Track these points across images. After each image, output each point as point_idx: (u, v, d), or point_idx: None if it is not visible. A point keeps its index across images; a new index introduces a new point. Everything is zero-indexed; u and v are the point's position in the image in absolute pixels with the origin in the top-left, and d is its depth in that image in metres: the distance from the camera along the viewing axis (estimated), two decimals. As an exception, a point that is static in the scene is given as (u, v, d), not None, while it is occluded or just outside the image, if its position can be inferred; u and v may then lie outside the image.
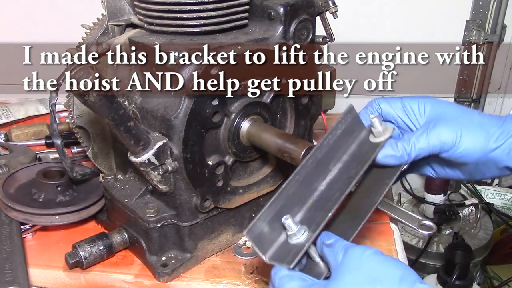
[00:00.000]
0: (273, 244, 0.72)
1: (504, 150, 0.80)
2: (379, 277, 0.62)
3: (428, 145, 0.82)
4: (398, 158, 0.82)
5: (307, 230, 0.72)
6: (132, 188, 1.01)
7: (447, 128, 0.81)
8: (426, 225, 1.08)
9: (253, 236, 0.71)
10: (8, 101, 1.69)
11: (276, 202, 0.73)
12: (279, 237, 0.73)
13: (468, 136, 0.81)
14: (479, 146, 0.80)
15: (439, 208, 1.95)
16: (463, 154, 0.82)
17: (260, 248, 0.71)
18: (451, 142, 0.81)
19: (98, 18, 1.05)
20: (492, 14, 2.05)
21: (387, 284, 0.61)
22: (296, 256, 0.69)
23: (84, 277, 0.96)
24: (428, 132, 0.82)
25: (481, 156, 0.81)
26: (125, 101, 0.94)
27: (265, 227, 0.72)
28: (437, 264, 1.87)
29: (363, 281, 0.63)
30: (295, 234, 0.71)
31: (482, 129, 0.81)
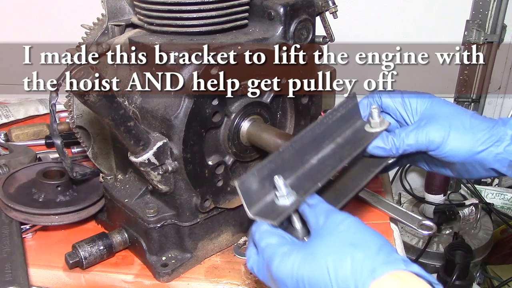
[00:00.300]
0: (260, 201, 0.73)
1: (490, 153, 0.82)
2: (359, 243, 0.63)
3: (416, 142, 0.85)
4: (386, 151, 0.86)
5: (294, 194, 0.73)
6: (132, 188, 1.01)
7: (436, 127, 0.84)
8: (426, 225, 1.08)
9: (243, 189, 0.72)
10: (8, 101, 1.69)
11: (271, 162, 0.75)
12: (267, 196, 0.74)
13: (455, 137, 0.83)
14: (465, 148, 0.83)
15: (439, 208, 1.95)
16: (449, 154, 0.84)
17: (247, 201, 0.72)
18: (438, 142, 0.84)
19: (98, 18, 1.05)
20: (492, 14, 2.05)
21: (367, 250, 0.62)
22: (280, 215, 0.70)
23: (84, 277, 0.96)
24: (418, 129, 0.85)
25: (467, 158, 0.84)
26: (125, 101, 0.94)
27: (256, 183, 0.73)
28: (437, 264, 1.87)
29: (343, 245, 0.63)
30: (283, 195, 0.72)
31: (470, 132, 0.83)
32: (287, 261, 0.65)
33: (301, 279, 0.63)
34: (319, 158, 0.82)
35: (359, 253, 0.61)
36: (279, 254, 0.66)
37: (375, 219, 1.12)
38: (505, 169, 0.84)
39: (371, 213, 1.14)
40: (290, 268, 0.64)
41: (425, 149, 0.85)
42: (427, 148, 0.85)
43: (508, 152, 0.82)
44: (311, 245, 0.66)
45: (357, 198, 1.19)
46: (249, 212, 0.72)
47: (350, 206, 1.18)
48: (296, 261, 0.64)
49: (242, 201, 0.72)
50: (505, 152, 0.82)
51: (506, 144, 0.82)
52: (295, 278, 0.64)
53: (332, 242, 0.64)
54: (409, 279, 0.59)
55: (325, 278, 0.61)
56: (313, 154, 0.82)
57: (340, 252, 0.62)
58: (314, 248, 0.65)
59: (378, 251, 0.62)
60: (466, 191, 2.21)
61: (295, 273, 0.64)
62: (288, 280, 0.65)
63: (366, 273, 0.59)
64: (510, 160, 0.83)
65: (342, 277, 0.60)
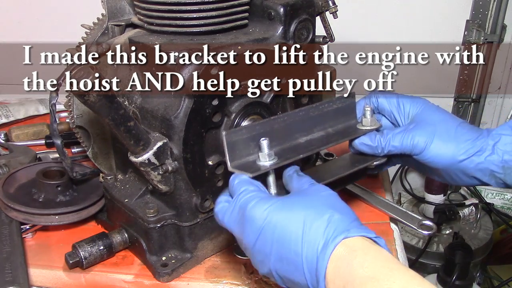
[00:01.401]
0: (242, 158, 0.77)
1: (471, 162, 0.85)
2: (338, 208, 0.67)
3: (401, 145, 0.88)
4: (372, 148, 0.90)
5: (276, 159, 0.76)
6: (132, 188, 1.01)
7: (421, 133, 0.87)
8: (426, 225, 1.09)
9: (229, 141, 0.75)
10: (8, 101, 1.69)
11: (261, 125, 0.79)
12: (250, 156, 0.77)
13: (438, 145, 0.86)
14: (447, 155, 0.86)
15: (439, 208, 1.95)
16: (431, 160, 0.87)
17: (230, 155, 0.75)
18: (421, 147, 0.87)
19: (98, 18, 1.05)
20: (492, 14, 2.05)
21: (345, 215, 0.66)
22: (259, 171, 0.74)
23: (84, 277, 0.96)
24: (405, 132, 0.88)
25: (449, 165, 0.86)
26: (125, 101, 0.94)
27: (242, 140, 0.77)
28: (437, 264, 1.87)
29: (324, 205, 0.67)
30: (265, 156, 0.75)
31: (454, 141, 0.86)
32: (264, 204, 0.68)
33: (274, 223, 0.66)
34: (307, 139, 0.86)
35: (338, 215, 0.65)
36: (258, 198, 0.69)
37: (375, 219, 1.12)
38: (487, 178, 0.86)
39: (371, 213, 1.14)
40: (265, 210, 0.67)
41: (409, 152, 0.88)
42: (411, 151, 0.88)
43: (489, 162, 0.84)
44: (291, 198, 0.70)
45: (357, 198, 1.19)
46: (229, 164, 0.75)
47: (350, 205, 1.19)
48: (274, 206, 0.67)
49: (226, 153, 0.75)
50: (486, 162, 0.84)
51: (487, 154, 0.84)
52: (268, 220, 0.66)
53: (313, 201, 0.68)
54: (375, 245, 0.63)
55: (298, 227, 0.64)
56: (302, 134, 0.86)
57: (320, 208, 0.66)
58: (294, 200, 0.69)
59: (354, 220, 0.66)
60: (466, 191, 2.21)
61: (269, 216, 0.66)
62: (259, 221, 0.67)
63: (339, 231, 0.63)
64: (491, 169, 0.85)
65: (315, 229, 0.63)
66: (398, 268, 0.59)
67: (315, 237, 0.63)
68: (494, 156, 0.84)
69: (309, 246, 0.63)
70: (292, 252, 0.65)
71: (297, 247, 0.64)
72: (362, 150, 0.92)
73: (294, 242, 0.64)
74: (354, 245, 0.62)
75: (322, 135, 0.88)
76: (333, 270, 0.61)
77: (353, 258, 0.61)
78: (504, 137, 0.84)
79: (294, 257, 0.65)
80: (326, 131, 0.89)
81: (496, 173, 0.85)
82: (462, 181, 0.90)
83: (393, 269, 0.59)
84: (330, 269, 0.62)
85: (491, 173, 0.85)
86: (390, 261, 0.61)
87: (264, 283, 0.94)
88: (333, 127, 0.90)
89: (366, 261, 0.60)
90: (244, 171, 0.74)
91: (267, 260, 0.68)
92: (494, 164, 0.84)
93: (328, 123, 0.90)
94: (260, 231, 0.67)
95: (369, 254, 0.61)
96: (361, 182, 1.24)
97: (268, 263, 0.68)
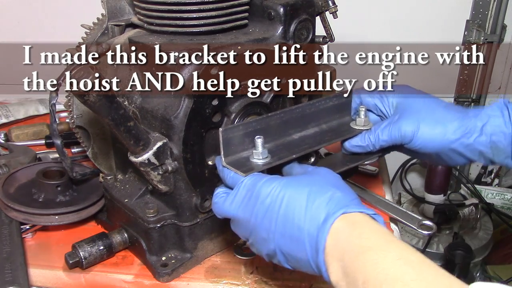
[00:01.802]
0: (237, 154, 0.79)
1: (461, 144, 0.87)
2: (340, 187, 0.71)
3: (390, 138, 0.90)
4: (364, 148, 0.93)
5: (269, 157, 0.79)
6: (132, 188, 1.01)
7: (407, 122, 0.88)
8: (426, 225, 1.09)
9: (225, 137, 0.77)
10: (8, 101, 1.69)
11: (257, 122, 0.81)
12: (244, 152, 0.80)
13: (426, 130, 0.87)
14: (437, 139, 0.87)
15: (439, 208, 1.96)
16: (421, 146, 0.88)
17: (225, 150, 0.78)
18: (410, 136, 0.88)
19: (98, 18, 1.05)
20: (492, 14, 2.06)
21: (346, 193, 0.69)
22: (250, 170, 0.76)
23: (84, 277, 0.96)
24: (391, 125, 0.90)
25: (440, 148, 0.88)
26: (125, 101, 0.94)
27: (238, 136, 0.79)
28: (437, 264, 1.87)
29: (327, 183, 0.71)
30: (258, 154, 0.78)
31: (440, 124, 0.87)
32: (272, 182, 0.71)
33: (281, 198, 0.69)
34: (301, 136, 0.88)
35: (339, 193, 0.68)
36: (265, 178, 0.73)
37: (375, 219, 1.12)
38: (477, 157, 0.89)
39: (371, 213, 1.14)
40: (273, 187, 0.70)
41: (399, 143, 0.90)
42: (402, 141, 0.89)
43: (478, 143, 0.86)
44: (297, 177, 0.74)
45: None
46: (223, 160, 0.78)
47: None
48: (281, 183, 0.71)
49: (221, 148, 0.78)
50: (475, 143, 0.86)
51: (476, 135, 0.86)
52: (275, 196, 0.70)
53: (317, 179, 0.72)
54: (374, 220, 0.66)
55: (302, 201, 0.68)
56: (297, 130, 0.88)
57: (324, 186, 0.69)
58: (300, 178, 0.73)
59: (354, 198, 0.69)
60: (466, 191, 2.22)
61: (276, 192, 0.70)
62: (268, 197, 0.70)
63: (340, 206, 0.66)
64: (480, 150, 0.87)
65: (318, 204, 0.67)
66: (394, 240, 0.62)
67: (317, 212, 0.66)
68: (483, 137, 0.86)
69: (311, 220, 0.66)
70: (296, 226, 0.68)
71: (300, 221, 0.67)
72: (355, 152, 0.94)
73: (297, 217, 0.67)
74: (354, 219, 0.65)
75: (316, 131, 0.90)
76: (332, 242, 0.65)
77: (352, 230, 0.64)
78: (493, 119, 0.86)
79: (297, 232, 0.67)
80: (320, 127, 0.91)
81: (485, 153, 0.87)
82: (453, 161, 0.92)
83: (389, 241, 0.62)
84: (329, 242, 0.65)
85: (480, 153, 0.87)
86: (387, 234, 0.64)
87: (264, 283, 0.94)
88: (327, 124, 0.93)
89: (364, 233, 0.63)
90: (236, 169, 0.76)
91: (272, 236, 0.70)
92: (483, 145, 0.86)
93: (322, 119, 0.92)
94: (268, 207, 0.70)
95: (367, 227, 0.64)
96: (361, 182, 1.24)
97: (273, 240, 0.71)
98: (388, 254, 0.59)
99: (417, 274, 0.57)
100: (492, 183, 2.37)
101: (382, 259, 0.59)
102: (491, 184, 2.36)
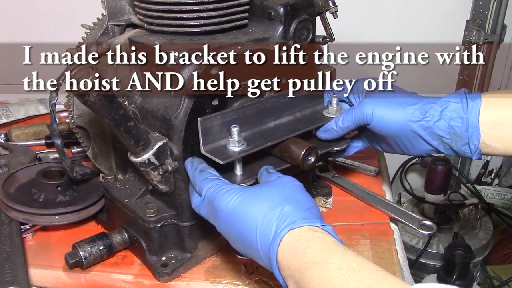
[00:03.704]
0: (215, 142, 0.85)
1: (421, 126, 0.90)
2: (293, 200, 0.73)
3: (353, 118, 0.93)
4: (332, 133, 0.97)
5: (245, 145, 0.84)
6: (132, 188, 1.01)
7: (369, 102, 0.93)
8: (426, 225, 1.09)
9: (204, 126, 0.82)
10: (8, 101, 1.69)
11: (234, 112, 0.86)
12: (222, 140, 0.85)
13: (386, 111, 0.91)
14: (397, 120, 0.90)
15: (439, 208, 1.95)
16: (382, 126, 0.92)
17: (204, 139, 0.83)
18: (370, 114, 0.91)
19: (98, 18, 1.05)
20: (492, 14, 2.06)
21: (296, 206, 0.71)
22: (227, 158, 0.81)
23: (84, 277, 0.96)
24: (355, 107, 0.94)
25: (401, 129, 0.91)
26: (125, 101, 0.94)
27: (216, 126, 0.84)
28: (437, 264, 1.87)
29: (280, 197, 0.73)
30: (235, 142, 0.83)
31: (400, 105, 0.91)
32: (228, 196, 0.75)
33: (234, 215, 0.73)
34: (276, 124, 0.93)
35: (289, 206, 0.71)
36: (222, 192, 0.76)
37: (375, 219, 1.12)
38: (436, 143, 0.91)
39: (371, 213, 1.14)
40: (228, 203, 0.74)
41: (362, 122, 0.93)
42: (364, 121, 0.93)
43: (437, 127, 0.89)
44: (253, 190, 0.76)
45: (357, 198, 1.19)
46: (202, 148, 0.83)
47: (350, 205, 1.19)
48: (236, 198, 0.74)
49: (200, 137, 0.83)
50: (435, 127, 0.89)
51: (436, 119, 0.89)
52: (230, 210, 0.74)
53: (272, 192, 0.75)
54: (319, 232, 0.68)
55: (253, 221, 0.71)
56: (272, 119, 0.92)
57: (276, 202, 0.72)
58: (254, 192, 0.75)
59: (305, 209, 0.71)
60: (466, 191, 2.22)
61: (231, 207, 0.74)
62: (223, 213, 0.75)
63: (287, 223, 0.68)
64: (439, 135, 0.89)
65: (268, 221, 0.70)
66: (336, 250, 0.65)
67: (267, 229, 0.69)
68: (442, 122, 0.89)
69: (262, 237, 0.70)
70: (250, 242, 0.72)
71: (253, 237, 0.71)
72: (326, 138, 0.98)
73: (249, 233, 0.71)
74: (299, 235, 0.67)
75: (290, 119, 0.95)
76: (283, 259, 0.67)
77: (297, 247, 0.66)
78: (452, 104, 0.89)
79: (253, 247, 0.72)
80: (295, 116, 0.96)
81: (444, 138, 0.90)
82: (415, 149, 0.94)
83: (331, 252, 0.64)
84: (280, 258, 0.68)
85: (439, 138, 0.90)
86: (330, 244, 0.66)
87: (264, 283, 0.94)
88: (301, 112, 0.97)
89: (309, 248, 0.65)
90: (214, 157, 0.81)
91: (236, 245, 0.77)
92: (442, 130, 0.89)
93: (297, 108, 0.96)
94: (225, 221, 0.75)
95: (311, 241, 0.66)
96: (361, 182, 1.24)
97: (234, 245, 0.77)
98: (331, 266, 0.62)
99: (358, 281, 0.59)
100: (492, 183, 2.37)
101: (325, 271, 0.62)
102: (491, 184, 2.36)
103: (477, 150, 0.88)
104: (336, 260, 0.63)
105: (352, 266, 0.61)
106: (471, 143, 0.88)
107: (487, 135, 0.87)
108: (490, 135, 0.87)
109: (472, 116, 0.86)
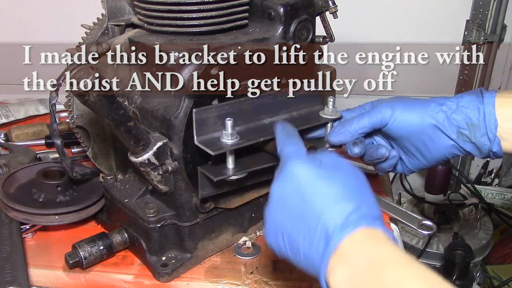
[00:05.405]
0: (209, 134, 0.85)
1: (439, 117, 0.88)
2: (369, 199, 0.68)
3: (370, 120, 0.91)
4: (346, 135, 0.93)
5: (238, 138, 0.84)
6: (132, 188, 1.01)
7: (385, 104, 0.91)
8: (426, 225, 1.08)
9: (199, 117, 0.83)
10: (8, 101, 1.69)
11: (230, 106, 0.86)
12: (216, 133, 0.85)
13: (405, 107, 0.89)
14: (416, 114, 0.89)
15: (439, 208, 1.95)
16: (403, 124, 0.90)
17: (198, 129, 0.84)
18: (388, 115, 0.89)
19: (98, 18, 1.05)
20: (492, 14, 2.06)
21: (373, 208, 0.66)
22: (221, 150, 0.82)
23: (84, 277, 0.96)
24: (370, 111, 0.92)
25: (420, 124, 0.89)
26: (125, 101, 0.94)
27: (211, 118, 0.84)
28: (437, 264, 1.87)
29: (357, 191, 0.68)
30: (228, 134, 0.83)
31: (417, 102, 0.90)
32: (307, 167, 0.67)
33: (310, 187, 0.66)
34: (271, 121, 0.92)
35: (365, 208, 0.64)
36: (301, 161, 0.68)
37: (375, 219, 1.12)
38: (455, 137, 0.89)
39: (371, 213, 1.13)
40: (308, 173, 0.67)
41: (379, 125, 0.91)
42: (381, 123, 0.90)
43: (455, 118, 0.88)
44: (329, 172, 0.68)
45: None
46: (196, 138, 0.84)
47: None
48: (315, 171, 0.67)
49: (194, 127, 0.83)
50: (452, 118, 0.88)
51: (453, 110, 0.88)
52: (304, 184, 0.66)
53: (350, 181, 0.69)
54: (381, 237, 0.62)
55: (330, 196, 0.65)
56: (268, 116, 0.92)
57: (355, 193, 0.67)
58: (331, 175, 0.67)
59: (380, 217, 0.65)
60: (466, 191, 2.21)
61: (309, 180, 0.66)
62: (295, 181, 0.67)
63: (366, 219, 0.63)
64: (457, 126, 0.88)
65: (343, 207, 0.63)
66: (414, 261, 0.60)
67: (342, 212, 0.63)
68: (459, 113, 0.88)
69: (332, 217, 0.63)
70: (314, 213, 0.64)
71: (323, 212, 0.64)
72: (339, 141, 0.94)
73: (321, 206, 0.64)
74: (376, 234, 0.62)
75: (286, 118, 0.94)
76: (349, 248, 0.61)
77: (374, 243, 0.61)
78: (467, 96, 0.89)
79: (313, 219, 0.64)
80: (291, 114, 0.95)
81: (462, 129, 0.88)
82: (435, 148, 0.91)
83: (409, 261, 0.59)
84: (345, 245, 0.61)
85: (457, 130, 0.89)
86: (407, 255, 0.61)
87: (264, 283, 0.94)
88: (298, 111, 0.96)
89: (386, 249, 0.61)
90: (206, 147, 0.82)
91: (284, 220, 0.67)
92: (460, 122, 0.88)
93: (293, 107, 0.95)
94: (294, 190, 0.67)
95: (389, 245, 0.61)
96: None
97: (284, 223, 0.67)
98: (409, 273, 0.58)
99: None
100: (492, 183, 2.37)
101: (404, 277, 0.57)
102: (491, 184, 2.36)
103: (495, 139, 0.87)
104: (414, 270, 0.58)
105: (431, 280, 0.57)
106: (489, 132, 0.87)
107: (503, 127, 0.86)
108: (506, 127, 0.86)
109: (489, 106, 0.86)
